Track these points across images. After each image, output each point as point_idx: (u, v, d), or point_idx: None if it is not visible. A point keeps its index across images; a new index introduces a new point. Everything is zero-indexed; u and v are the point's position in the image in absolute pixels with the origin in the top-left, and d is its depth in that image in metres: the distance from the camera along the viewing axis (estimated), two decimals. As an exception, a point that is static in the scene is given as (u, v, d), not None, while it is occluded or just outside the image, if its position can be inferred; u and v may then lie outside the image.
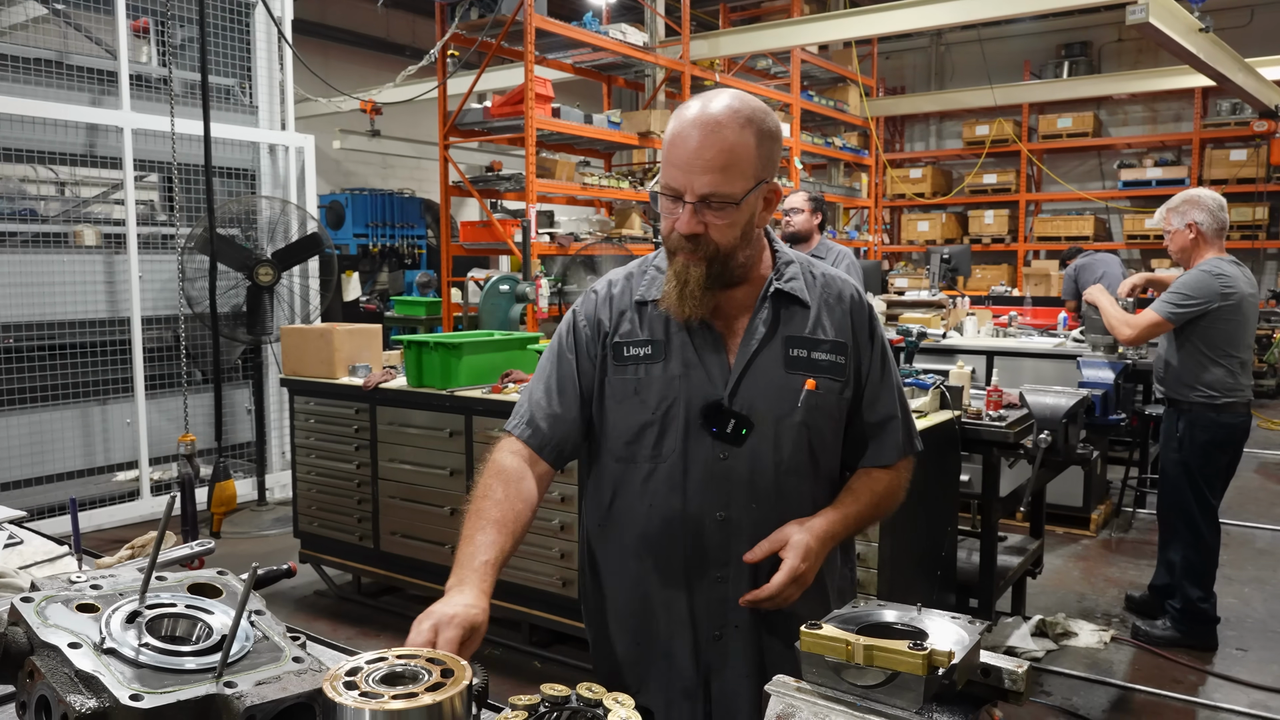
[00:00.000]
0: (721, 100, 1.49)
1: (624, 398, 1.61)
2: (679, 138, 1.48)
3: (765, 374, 1.57)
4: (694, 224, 1.49)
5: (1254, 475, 7.21)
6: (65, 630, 1.07)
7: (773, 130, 1.52)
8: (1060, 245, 12.36)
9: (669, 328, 1.60)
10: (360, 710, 0.97)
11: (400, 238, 12.17)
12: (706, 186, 1.47)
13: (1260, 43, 10.59)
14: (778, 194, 1.57)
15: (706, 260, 1.52)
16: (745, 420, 1.55)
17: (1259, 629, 4.32)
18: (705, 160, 1.46)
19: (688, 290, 1.52)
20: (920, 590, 3.46)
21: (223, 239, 5.70)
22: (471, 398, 4.01)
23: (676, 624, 1.61)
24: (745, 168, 1.47)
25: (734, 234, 1.51)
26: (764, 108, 1.52)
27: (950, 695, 1.05)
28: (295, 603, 4.66)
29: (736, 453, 1.55)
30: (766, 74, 10.83)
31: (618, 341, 1.62)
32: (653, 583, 1.62)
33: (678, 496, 1.57)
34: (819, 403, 1.57)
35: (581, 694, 1.13)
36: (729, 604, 1.57)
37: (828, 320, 1.61)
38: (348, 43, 13.13)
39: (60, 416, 5.61)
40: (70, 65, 5.60)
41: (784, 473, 1.56)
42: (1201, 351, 3.94)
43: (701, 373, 1.57)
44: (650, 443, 1.59)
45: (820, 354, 1.58)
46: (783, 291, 1.60)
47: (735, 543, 1.56)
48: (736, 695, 1.58)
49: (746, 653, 1.58)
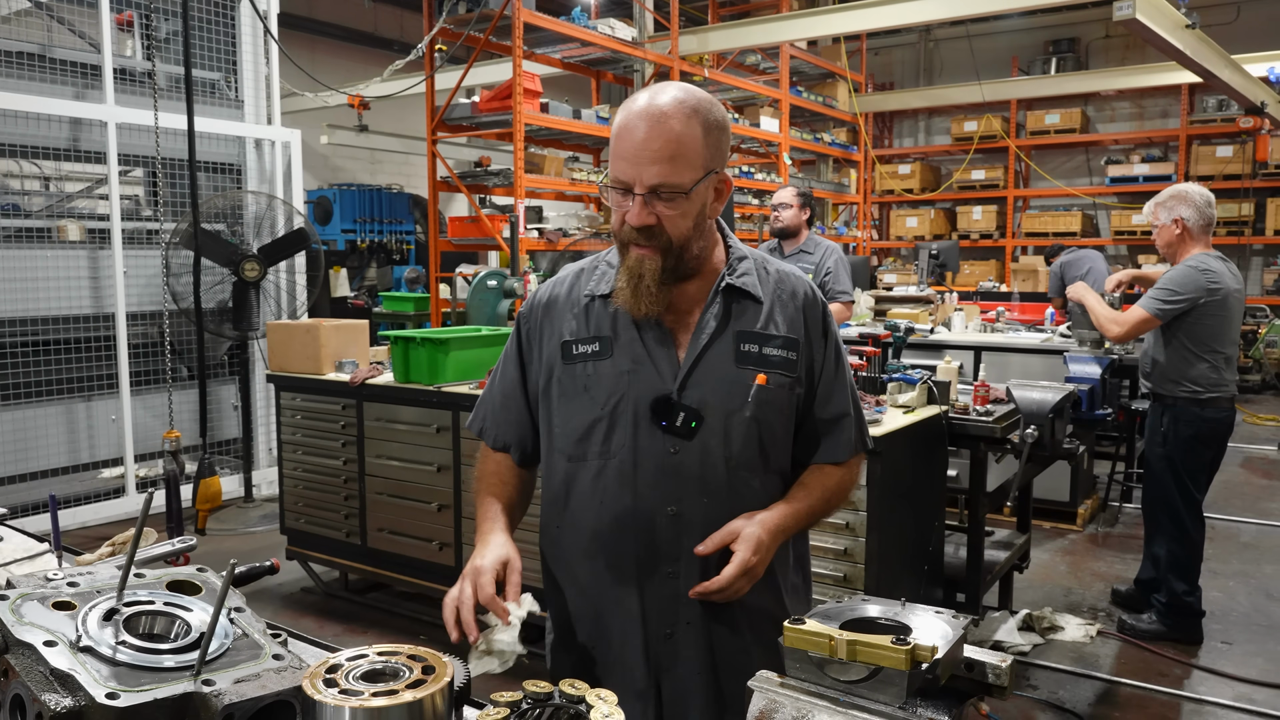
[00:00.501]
0: (668, 92, 1.49)
1: (573, 395, 1.61)
2: (625, 130, 1.48)
3: (715, 368, 1.56)
4: (645, 215, 1.49)
5: (1238, 470, 7.26)
6: (41, 628, 1.05)
7: (719, 121, 1.52)
8: (1048, 241, 12.39)
9: (617, 323, 1.59)
10: (340, 708, 0.96)
11: (388, 233, 12.12)
12: (655, 177, 1.46)
13: (1246, 39, 10.64)
14: (728, 184, 1.57)
15: (661, 252, 1.51)
16: (695, 414, 1.54)
17: (1243, 622, 4.34)
18: (653, 151, 1.46)
19: (643, 285, 1.51)
20: (907, 585, 3.46)
21: (208, 234, 5.67)
22: (459, 393, 3.99)
23: (628, 622, 1.59)
24: (693, 158, 1.47)
25: (686, 225, 1.51)
26: (711, 99, 1.53)
27: (934, 690, 1.05)
28: (282, 599, 4.64)
29: (687, 447, 1.54)
30: (755, 69, 10.83)
31: (566, 340, 1.62)
32: (605, 581, 1.61)
33: (628, 493, 1.57)
34: (770, 398, 1.57)
35: (564, 690, 1.12)
36: (680, 600, 1.56)
37: (780, 316, 1.60)
38: (335, 37, 13.06)
39: (45, 413, 5.57)
40: (54, 59, 5.56)
41: (735, 467, 1.55)
42: (1187, 347, 3.96)
43: (650, 368, 1.56)
44: (600, 439, 1.58)
45: (771, 349, 1.58)
46: (734, 286, 1.59)
47: (686, 538, 1.55)
48: (688, 693, 1.57)
49: (698, 650, 1.57)
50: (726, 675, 1.58)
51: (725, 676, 1.58)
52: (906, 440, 3.32)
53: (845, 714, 1.00)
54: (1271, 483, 7.04)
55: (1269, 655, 3.98)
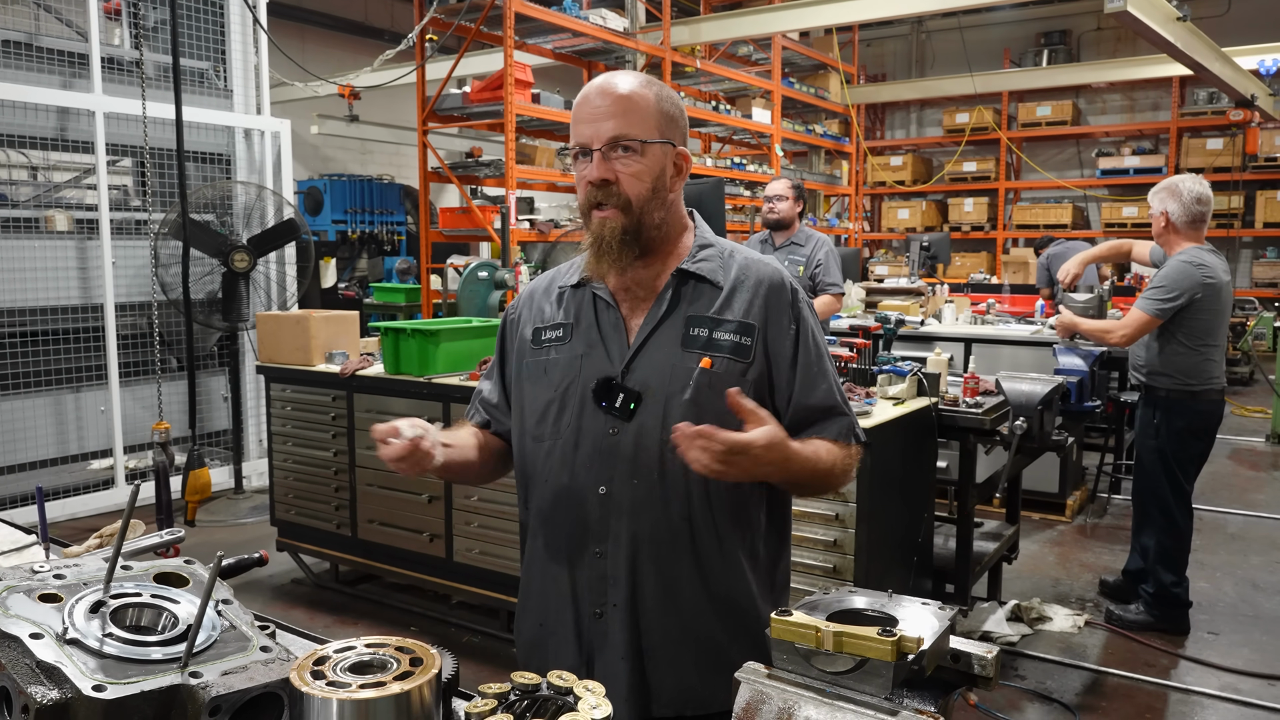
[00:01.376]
0: (625, 73, 1.62)
1: (536, 378, 1.67)
2: (583, 99, 1.58)
3: (660, 351, 1.58)
4: (604, 169, 1.54)
5: (1227, 461, 7.31)
6: (27, 620, 1.05)
7: (672, 98, 1.61)
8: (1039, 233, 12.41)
9: (580, 311, 1.65)
10: (327, 700, 0.96)
11: (379, 224, 12.09)
12: (611, 130, 1.53)
13: (1237, 32, 10.65)
14: (687, 160, 1.62)
15: (621, 210, 1.55)
16: (635, 395, 1.56)
17: (1230, 613, 4.37)
18: (607, 107, 1.55)
19: (604, 245, 1.56)
20: (897, 576, 3.48)
21: (197, 225, 5.64)
22: (449, 385, 3.99)
23: (561, 601, 1.63)
24: (646, 117, 1.55)
25: (644, 186, 1.56)
26: (666, 86, 1.63)
27: (920, 681, 1.06)
28: (272, 591, 4.64)
29: (625, 429, 1.56)
30: (748, 60, 10.80)
31: (537, 327, 1.70)
32: (543, 558, 1.66)
33: (566, 471, 1.60)
34: (714, 382, 1.55)
35: (552, 682, 1.12)
36: (608, 581, 1.58)
37: (738, 302, 1.60)
38: (325, 26, 12.99)
39: (33, 404, 5.54)
40: (41, 47, 5.52)
41: (669, 450, 1.52)
42: (1179, 340, 3.97)
43: (601, 350, 1.61)
44: (552, 419, 1.63)
45: (723, 333, 1.58)
46: (690, 272, 1.62)
47: (614, 519, 1.57)
48: (615, 677, 1.57)
49: (624, 634, 1.57)
50: (653, 664, 1.58)
51: (651, 665, 1.58)
52: (896, 432, 3.33)
53: (832, 705, 1.01)
54: (1259, 474, 7.09)
55: (1255, 645, 4.01)
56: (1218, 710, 3.51)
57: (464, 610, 4.27)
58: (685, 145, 1.63)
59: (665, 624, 1.58)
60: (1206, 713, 3.50)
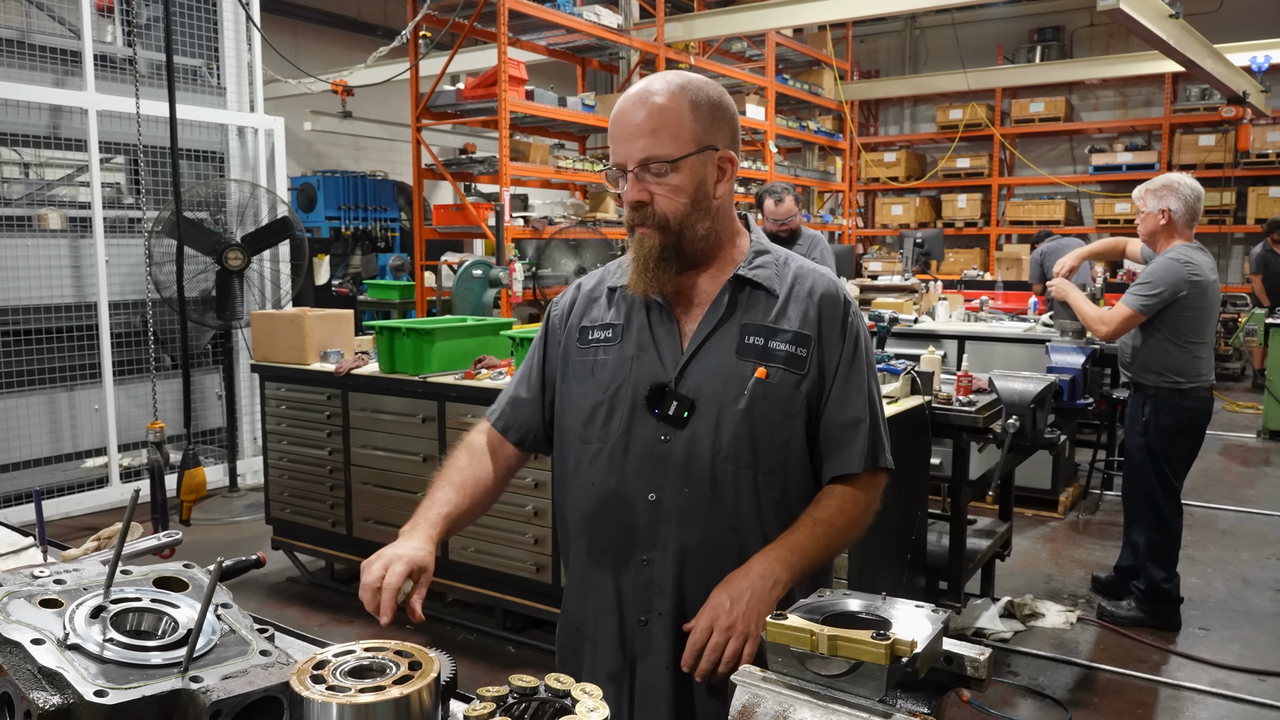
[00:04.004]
0: (661, 76, 1.53)
1: (583, 378, 1.64)
2: (616, 114, 1.53)
3: (715, 359, 1.55)
4: (638, 191, 1.51)
5: (1217, 457, 7.34)
6: (28, 626, 1.05)
7: (712, 98, 1.53)
8: (1032, 229, 12.44)
9: (632, 312, 1.62)
10: (327, 704, 0.97)
11: (373, 221, 12.06)
12: (641, 151, 1.49)
13: (1229, 29, 10.69)
14: (732, 163, 1.56)
15: (659, 229, 1.52)
16: (688, 403, 1.54)
17: (1220, 609, 4.40)
18: (636, 126, 1.49)
19: (643, 263, 1.53)
20: (891, 573, 3.50)
21: (191, 223, 5.63)
22: (444, 383, 3.99)
23: (604, 606, 1.61)
24: (678, 130, 1.49)
25: (681, 201, 1.51)
26: (706, 80, 1.55)
27: (913, 683, 1.07)
28: (267, 589, 4.64)
29: (677, 436, 1.54)
30: (741, 57, 10.81)
31: (584, 325, 1.66)
32: (587, 563, 1.64)
33: (615, 476, 1.58)
34: (768, 392, 1.54)
35: (550, 684, 1.13)
36: (654, 589, 1.56)
37: (794, 311, 1.58)
38: (318, 22, 12.94)
39: (26, 403, 5.53)
40: (33, 45, 5.49)
41: (721, 460, 1.54)
42: (1167, 337, 3.99)
43: (654, 354, 1.57)
44: (600, 422, 1.60)
45: (778, 343, 1.55)
46: (746, 278, 1.59)
47: (664, 527, 1.55)
48: (656, 686, 1.57)
49: (668, 642, 1.56)
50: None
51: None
52: (890, 430, 3.34)
53: (826, 708, 1.02)
54: (1249, 470, 7.13)
55: (1245, 641, 4.04)
56: (1208, 705, 3.54)
57: (460, 608, 4.28)
58: (731, 144, 1.55)
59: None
60: (1197, 708, 3.53)
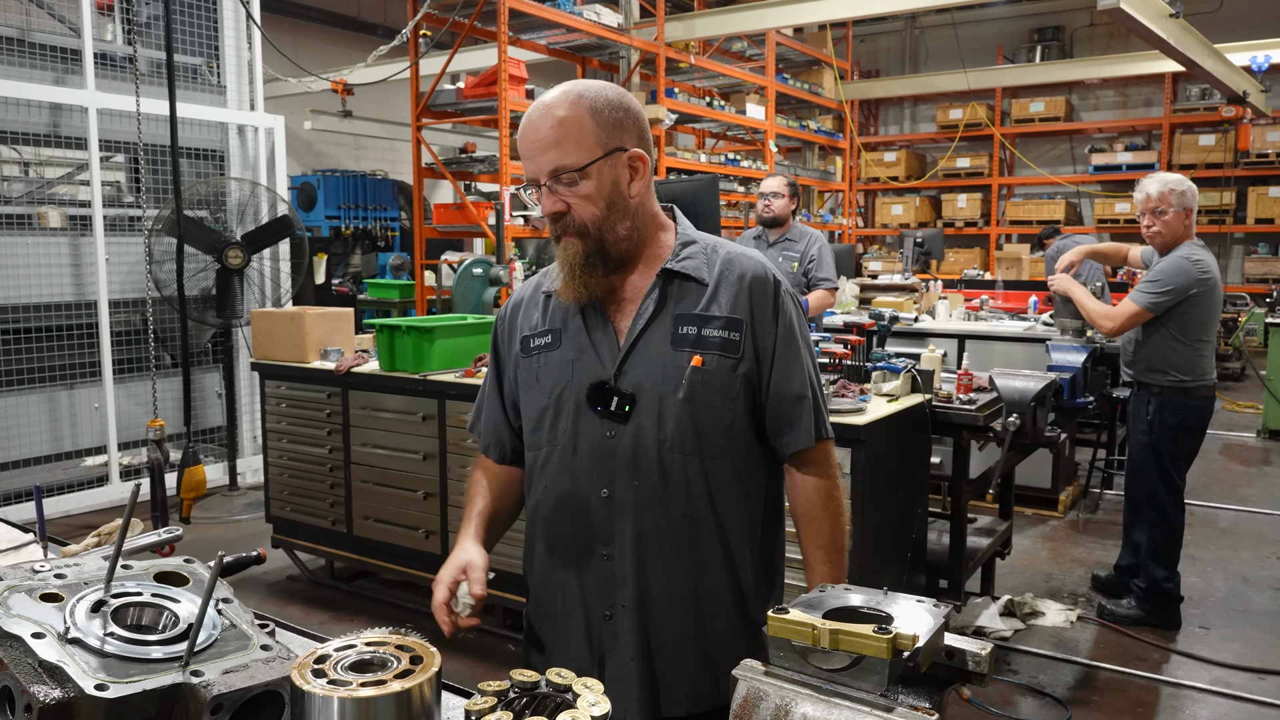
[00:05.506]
0: (559, 88, 1.56)
1: (529, 386, 1.68)
2: (522, 133, 1.55)
3: (651, 352, 1.58)
4: (553, 203, 1.54)
5: (1218, 456, 7.34)
6: (29, 620, 1.05)
7: (612, 100, 1.54)
8: (1032, 229, 12.45)
9: (568, 317, 1.65)
10: (329, 698, 0.97)
11: (373, 220, 12.06)
12: (549, 164, 1.52)
13: (1229, 28, 10.69)
14: (643, 160, 1.57)
15: (579, 236, 1.55)
16: (629, 397, 1.57)
17: (1221, 607, 4.40)
18: (540, 140, 1.52)
19: (570, 269, 1.56)
20: (891, 571, 3.49)
21: (191, 221, 5.63)
22: (444, 382, 3.99)
23: (571, 604, 1.64)
24: (582, 138, 1.51)
25: (596, 207, 1.54)
26: (605, 84, 1.57)
27: (915, 677, 1.07)
28: (267, 588, 4.64)
29: (622, 431, 1.57)
30: (742, 56, 10.81)
31: (525, 335, 1.70)
32: (548, 563, 1.67)
33: (567, 476, 1.62)
34: (706, 379, 1.57)
35: (551, 680, 1.13)
36: (616, 582, 1.59)
37: (724, 298, 1.60)
38: (318, 21, 12.94)
39: (26, 401, 5.53)
40: (33, 43, 5.49)
41: (667, 450, 1.57)
42: (1174, 336, 3.99)
43: (592, 354, 1.60)
44: (548, 426, 1.64)
45: (711, 330, 1.58)
46: (674, 271, 1.61)
47: (619, 520, 1.59)
48: (626, 678, 1.59)
49: (634, 635, 1.59)
50: (662, 663, 1.59)
51: (660, 664, 1.59)
52: (890, 429, 3.35)
53: (828, 702, 1.02)
54: (1249, 469, 7.13)
55: (1245, 639, 4.04)
56: (1208, 704, 3.54)
57: (459, 606, 4.28)
58: (640, 142, 1.57)
59: (673, 622, 1.60)
60: (1197, 706, 3.52)
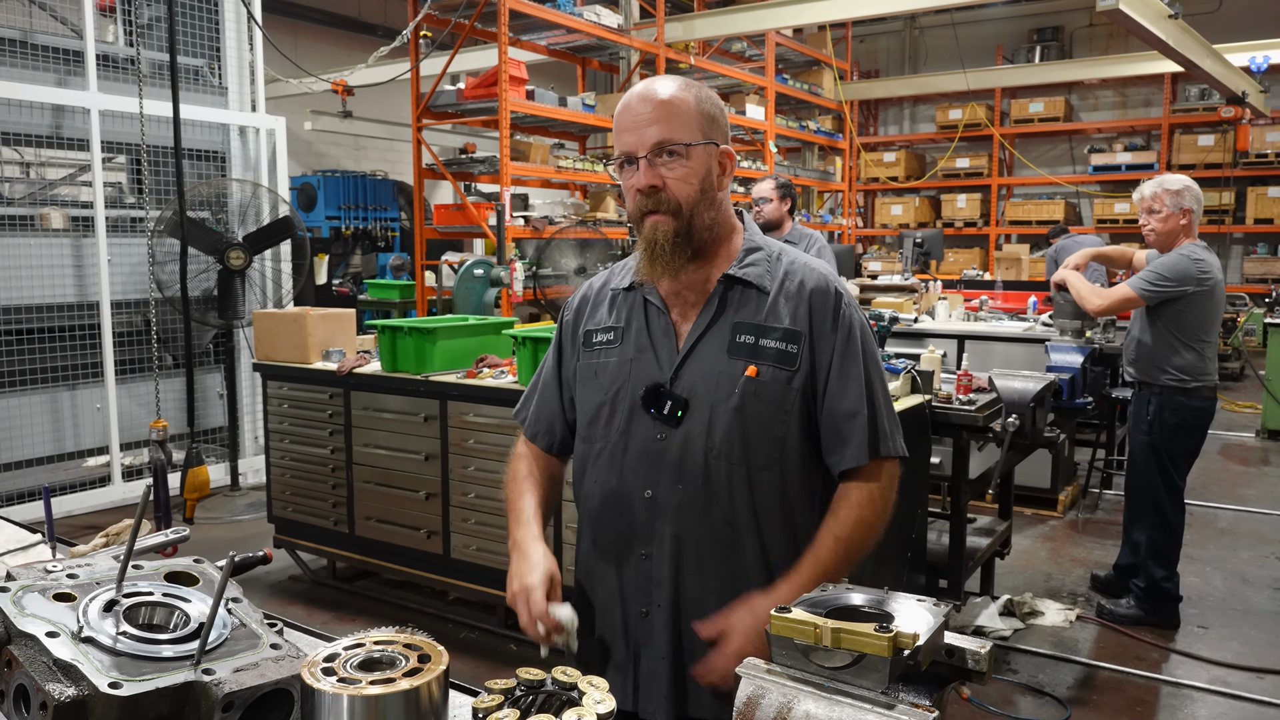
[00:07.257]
0: (664, 77, 1.63)
1: (588, 381, 1.70)
2: (624, 108, 1.59)
3: (707, 359, 1.59)
4: (652, 175, 1.55)
5: (1217, 456, 7.36)
6: (43, 619, 1.07)
7: (713, 99, 1.62)
8: (1031, 229, 12.49)
9: (632, 315, 1.67)
10: (338, 696, 0.98)
11: (373, 220, 12.07)
12: (656, 135, 1.54)
13: (1228, 29, 10.71)
14: (731, 158, 1.62)
15: (672, 215, 1.57)
16: (682, 402, 1.58)
17: (1219, 607, 4.42)
18: (649, 114, 1.55)
19: (658, 249, 1.57)
20: (891, 571, 3.51)
21: (193, 222, 5.64)
22: (446, 382, 4.00)
23: (610, 598, 1.67)
24: (689, 120, 1.56)
25: (692, 188, 1.57)
26: (705, 87, 1.63)
27: (915, 676, 1.08)
28: (270, 588, 4.65)
29: (672, 434, 1.59)
30: (741, 57, 10.82)
31: (589, 329, 1.72)
32: (593, 557, 1.71)
33: (615, 474, 1.64)
34: (760, 390, 1.57)
35: (557, 678, 1.15)
36: (653, 582, 1.62)
37: (785, 308, 1.60)
38: (319, 22, 12.95)
39: (29, 402, 5.54)
40: (35, 45, 5.50)
41: (714, 457, 1.57)
42: (1175, 335, 4.00)
43: (651, 356, 1.63)
44: (603, 422, 1.66)
45: (769, 341, 1.58)
46: (736, 277, 1.62)
47: (660, 522, 1.60)
48: (656, 676, 1.62)
49: (666, 634, 1.61)
50: (692, 664, 1.59)
51: (690, 665, 1.60)
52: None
53: (829, 699, 1.03)
54: (1249, 469, 7.14)
55: (1244, 639, 4.05)
56: (1207, 703, 3.55)
57: (461, 606, 4.30)
58: (728, 144, 1.63)
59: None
60: (1196, 706, 3.54)
